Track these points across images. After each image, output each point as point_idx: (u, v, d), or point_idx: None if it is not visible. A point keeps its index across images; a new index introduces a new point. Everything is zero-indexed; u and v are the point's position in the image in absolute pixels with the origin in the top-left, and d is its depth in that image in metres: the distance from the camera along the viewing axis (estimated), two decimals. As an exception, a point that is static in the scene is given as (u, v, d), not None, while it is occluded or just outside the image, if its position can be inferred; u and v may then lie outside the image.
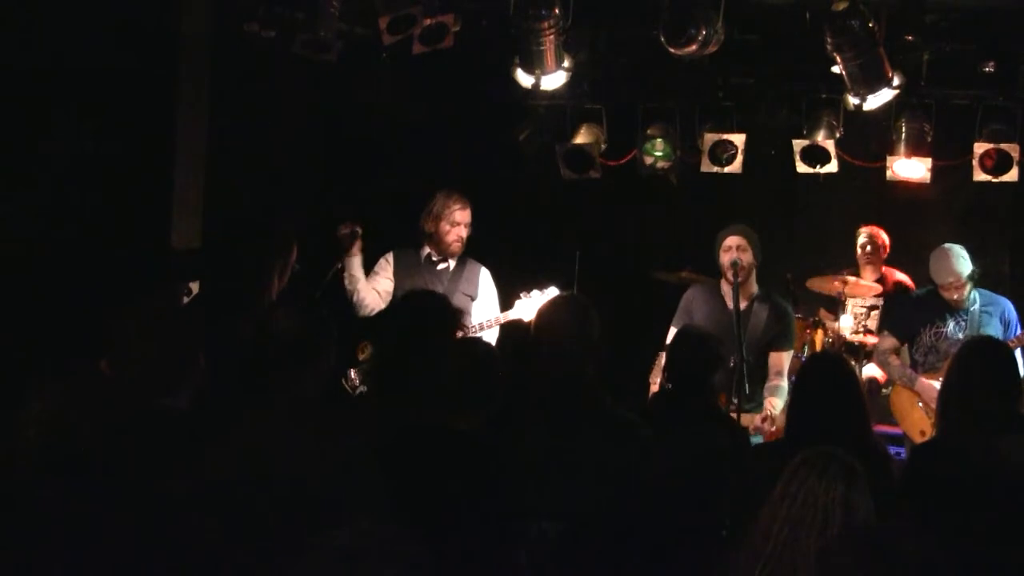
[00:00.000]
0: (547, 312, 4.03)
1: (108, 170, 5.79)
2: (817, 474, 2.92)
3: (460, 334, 5.07)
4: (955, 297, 6.07)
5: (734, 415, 5.14)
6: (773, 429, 5.21)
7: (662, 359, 5.28)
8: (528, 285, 6.01)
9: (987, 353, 4.04)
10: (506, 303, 6.05)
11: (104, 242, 5.67)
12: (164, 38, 6.07)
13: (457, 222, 5.93)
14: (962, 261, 6.03)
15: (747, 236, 5.79)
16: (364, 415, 3.82)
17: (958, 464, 3.59)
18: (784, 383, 5.67)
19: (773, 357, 5.76)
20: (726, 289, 5.82)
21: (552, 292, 5.92)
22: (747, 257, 5.74)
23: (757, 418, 5.32)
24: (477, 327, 5.88)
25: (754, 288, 5.83)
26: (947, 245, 6.10)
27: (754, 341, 5.66)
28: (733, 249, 5.75)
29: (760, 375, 5.71)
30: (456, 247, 5.97)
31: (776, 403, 5.49)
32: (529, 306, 5.88)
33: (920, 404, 6.16)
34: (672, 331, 5.85)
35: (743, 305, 5.73)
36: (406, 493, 3.16)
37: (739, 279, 5.67)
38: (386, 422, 3.58)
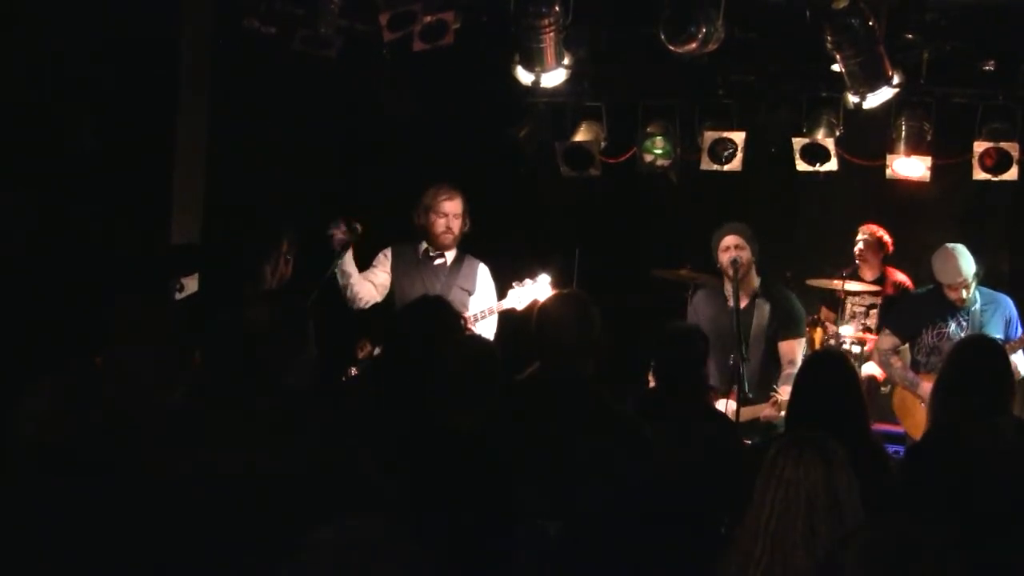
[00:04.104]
0: (547, 309, 4.01)
1: (108, 170, 5.79)
2: (793, 462, 2.93)
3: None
4: (959, 297, 6.06)
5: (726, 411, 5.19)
6: (782, 414, 5.23)
7: None
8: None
9: (979, 351, 4.05)
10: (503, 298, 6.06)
11: (104, 241, 5.67)
12: (164, 38, 6.07)
13: (445, 212, 5.87)
14: (968, 261, 6.01)
15: (743, 234, 5.88)
16: (363, 412, 3.81)
17: (950, 460, 3.60)
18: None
19: (783, 347, 5.85)
20: (729, 288, 5.87)
21: (544, 280, 5.94)
22: (745, 255, 5.82)
23: (765, 407, 5.39)
24: (472, 318, 5.88)
25: (755, 283, 5.92)
26: (951, 245, 6.07)
27: (760, 335, 5.73)
28: (732, 248, 5.83)
29: (773, 367, 5.78)
30: (446, 238, 5.89)
31: (788, 391, 5.52)
32: (522, 295, 5.89)
33: (923, 404, 6.14)
34: None
35: (745, 303, 5.82)
36: (405, 491, 3.16)
37: (740, 276, 5.73)
38: (386, 420, 3.58)
